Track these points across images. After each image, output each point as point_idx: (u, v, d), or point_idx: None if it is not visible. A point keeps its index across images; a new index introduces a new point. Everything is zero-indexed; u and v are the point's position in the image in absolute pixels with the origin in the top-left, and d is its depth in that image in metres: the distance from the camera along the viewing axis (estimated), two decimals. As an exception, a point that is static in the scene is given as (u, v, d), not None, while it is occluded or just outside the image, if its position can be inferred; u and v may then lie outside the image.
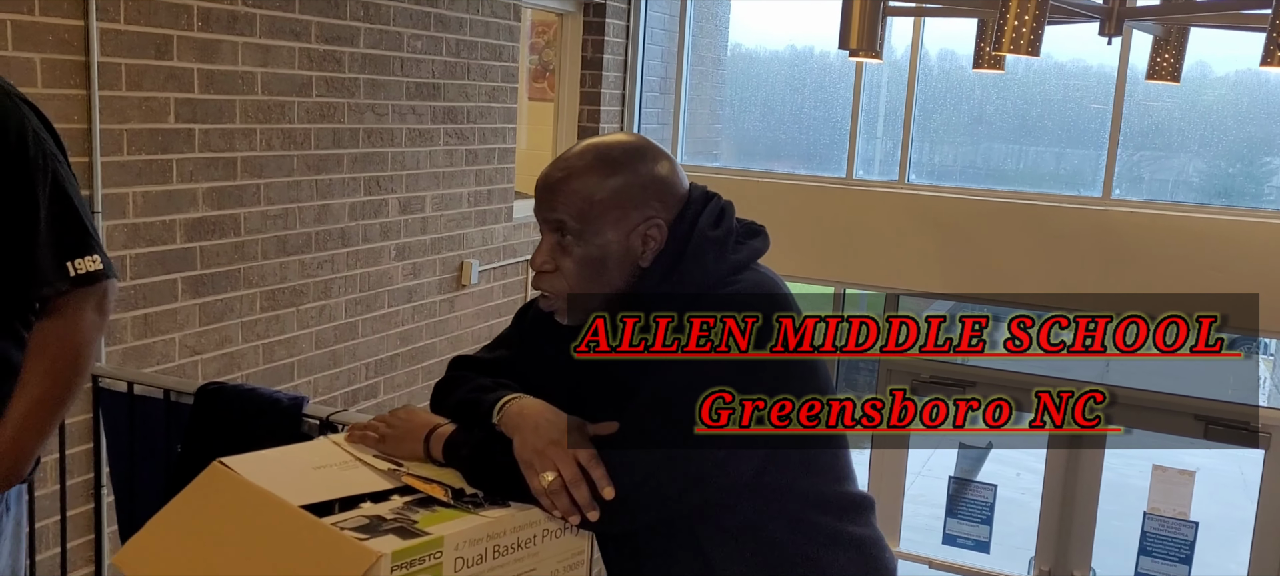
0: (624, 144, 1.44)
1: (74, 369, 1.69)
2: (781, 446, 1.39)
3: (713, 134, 6.54)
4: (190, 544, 1.34)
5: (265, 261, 3.67)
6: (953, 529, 5.86)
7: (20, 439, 1.65)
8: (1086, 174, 5.58)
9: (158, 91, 3.18)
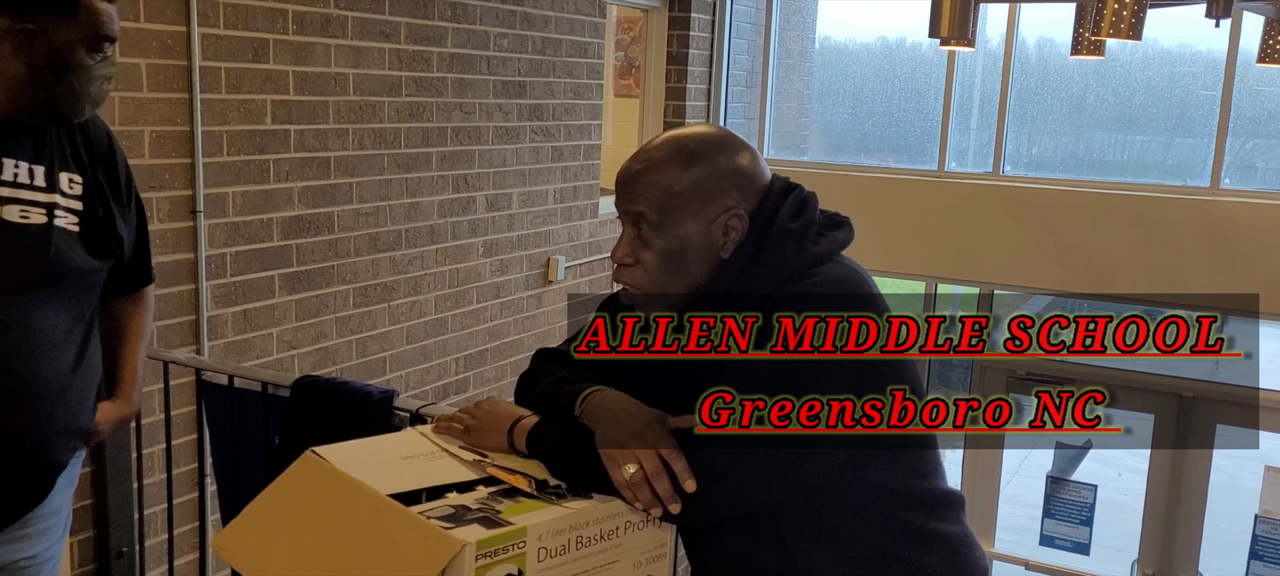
0: (703, 135, 1.43)
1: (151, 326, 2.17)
2: (867, 440, 1.37)
3: (800, 128, 6.47)
4: (284, 530, 1.37)
5: (358, 258, 3.75)
6: (1050, 530, 5.70)
7: (140, 372, 2.07)
8: (1194, 163, 5.37)
9: (255, 94, 3.28)
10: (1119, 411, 6.26)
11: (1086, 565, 5.68)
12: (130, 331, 2.04)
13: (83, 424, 1.89)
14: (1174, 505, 5.42)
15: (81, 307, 1.84)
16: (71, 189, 1.80)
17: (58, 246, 1.76)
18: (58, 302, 1.78)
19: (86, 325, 1.87)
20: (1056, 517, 5.68)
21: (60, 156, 1.80)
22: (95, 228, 1.83)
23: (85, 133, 1.85)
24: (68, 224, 1.78)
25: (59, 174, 1.79)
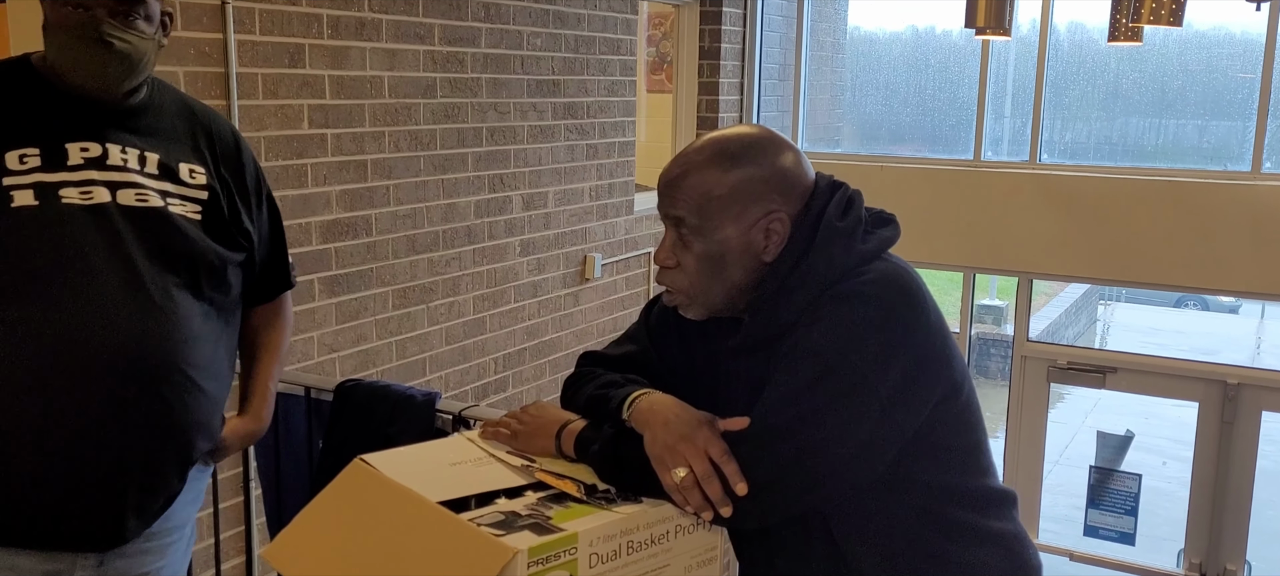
0: (744, 137, 1.42)
1: (290, 333, 2.10)
2: (918, 439, 1.36)
3: (834, 120, 6.44)
4: (334, 538, 1.38)
5: (396, 260, 3.77)
6: (1095, 520, 5.64)
7: (272, 389, 2.02)
8: (1233, 147, 5.29)
9: (292, 99, 3.30)
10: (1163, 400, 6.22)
11: (1132, 555, 5.62)
12: (265, 345, 2.01)
13: (214, 429, 1.85)
14: (1220, 493, 5.34)
15: (214, 303, 1.79)
16: (192, 179, 1.77)
17: (179, 228, 1.71)
18: (189, 291, 1.73)
19: (220, 325, 1.81)
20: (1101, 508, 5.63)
21: (179, 148, 1.77)
22: (218, 221, 1.78)
23: (207, 127, 1.83)
24: (187, 211, 1.74)
25: (178, 164, 1.76)
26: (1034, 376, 5.69)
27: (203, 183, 1.77)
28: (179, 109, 1.83)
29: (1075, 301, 13.13)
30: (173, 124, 1.79)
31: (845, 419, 1.30)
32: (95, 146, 1.69)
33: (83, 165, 1.68)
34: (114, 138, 1.70)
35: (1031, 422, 5.72)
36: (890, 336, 1.32)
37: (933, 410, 1.36)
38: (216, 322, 1.80)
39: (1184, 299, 13.56)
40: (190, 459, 1.79)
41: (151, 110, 1.77)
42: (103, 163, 1.68)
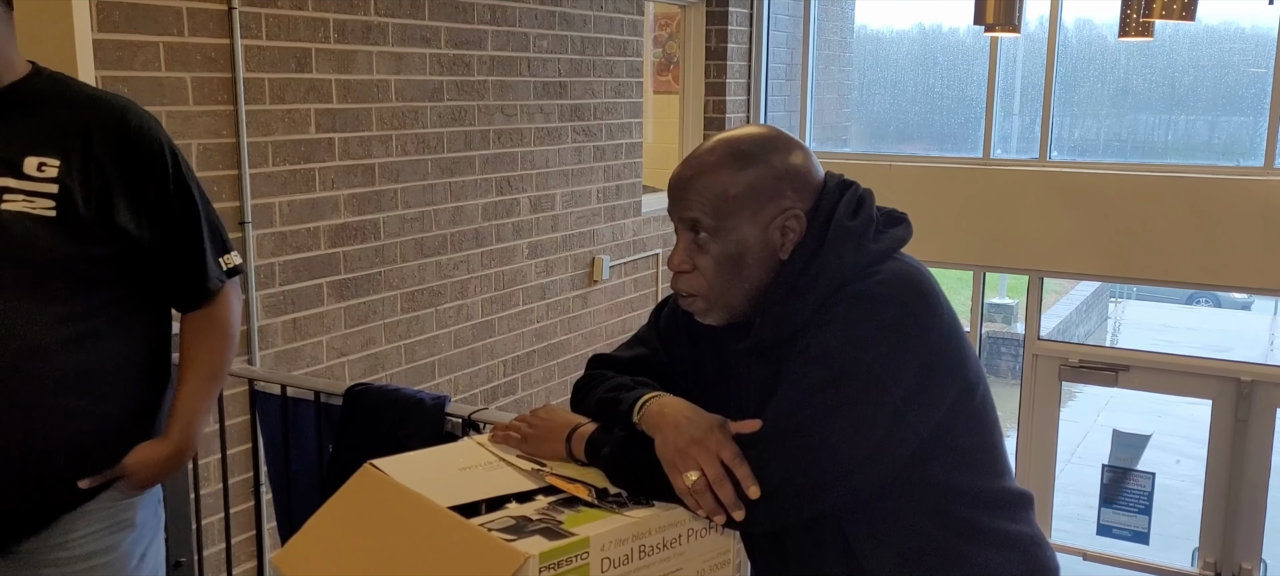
0: (755, 136, 1.40)
1: (231, 346, 1.89)
2: (932, 440, 1.34)
3: (841, 119, 6.42)
4: (345, 544, 1.37)
5: (404, 264, 3.77)
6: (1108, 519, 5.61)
7: (196, 411, 1.83)
8: (1242, 142, 5.25)
9: (299, 103, 3.30)
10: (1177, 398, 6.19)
11: (1146, 554, 5.59)
12: (187, 362, 1.84)
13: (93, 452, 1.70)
14: (1235, 492, 5.31)
15: (79, 309, 1.66)
16: (41, 173, 1.63)
17: (9, 228, 1.59)
18: (28, 297, 1.61)
19: (96, 334, 1.69)
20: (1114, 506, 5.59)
21: (31, 141, 1.65)
22: (74, 217, 1.64)
23: (87, 117, 1.69)
24: (34, 208, 1.61)
25: (23, 158, 1.63)
26: (1046, 375, 5.67)
27: (52, 176, 1.63)
28: (56, 100, 1.71)
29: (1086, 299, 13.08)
30: (37, 116, 1.67)
31: (858, 421, 1.29)
32: None
33: None
34: None
35: (1043, 421, 5.69)
36: (903, 337, 1.30)
37: (947, 411, 1.34)
38: (87, 330, 1.67)
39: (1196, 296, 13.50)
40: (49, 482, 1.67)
41: (7, 105, 1.66)
42: None
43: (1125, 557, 5.58)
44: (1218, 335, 12.03)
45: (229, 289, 1.87)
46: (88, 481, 1.70)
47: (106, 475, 1.72)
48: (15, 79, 1.70)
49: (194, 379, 1.82)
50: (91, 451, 1.71)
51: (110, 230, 1.68)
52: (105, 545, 1.76)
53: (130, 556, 1.80)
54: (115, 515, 1.77)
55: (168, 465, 1.80)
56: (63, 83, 1.75)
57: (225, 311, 1.87)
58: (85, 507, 1.73)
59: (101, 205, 1.66)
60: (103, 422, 1.71)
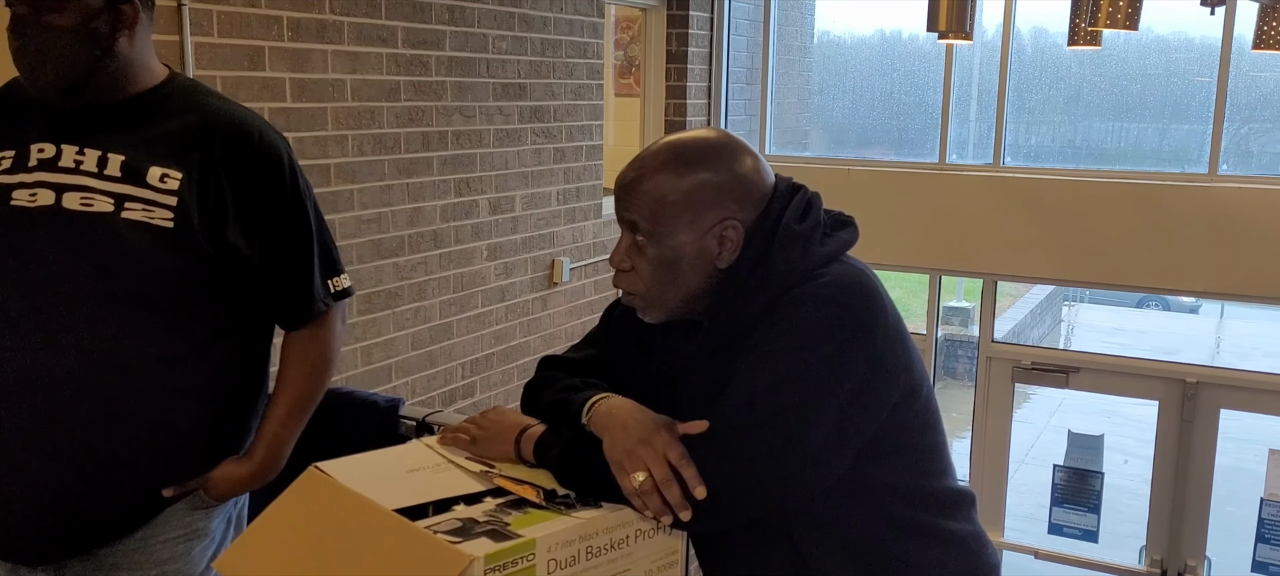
0: (702, 141, 1.41)
1: (328, 372, 1.89)
2: (876, 442, 1.36)
3: (801, 123, 6.47)
4: (289, 547, 1.36)
5: (361, 265, 3.74)
6: (1059, 518, 5.70)
7: (283, 436, 1.83)
8: (1191, 150, 5.36)
9: (252, 102, 3.27)
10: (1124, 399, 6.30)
11: (1095, 553, 5.68)
12: (280, 382, 1.83)
13: (179, 464, 1.71)
14: (1181, 491, 5.41)
15: (180, 323, 1.67)
16: (163, 184, 1.64)
17: (121, 237, 1.60)
18: (139, 312, 1.63)
19: (192, 346, 1.69)
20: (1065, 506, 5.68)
21: (158, 151, 1.66)
22: (190, 230, 1.65)
23: (215, 130, 1.69)
24: (153, 218, 1.62)
25: (148, 167, 1.64)
26: (999, 377, 5.74)
27: (174, 188, 1.64)
28: (186, 109, 1.71)
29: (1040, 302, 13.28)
30: (168, 125, 1.68)
31: (803, 422, 1.30)
32: (51, 147, 1.65)
33: (37, 166, 1.64)
34: (72, 138, 1.65)
35: (997, 422, 5.77)
36: (848, 339, 1.32)
37: (892, 412, 1.37)
38: (188, 344, 1.68)
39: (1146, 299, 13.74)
40: (135, 491, 1.68)
41: (140, 111, 1.68)
42: (55, 164, 1.64)
43: (1076, 555, 5.67)
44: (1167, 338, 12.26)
45: (334, 312, 1.86)
46: (171, 491, 1.72)
47: (189, 486, 1.74)
48: (152, 85, 1.71)
49: (284, 401, 1.82)
50: (178, 462, 1.72)
51: (220, 246, 1.69)
52: (178, 552, 1.77)
53: (199, 563, 1.81)
54: (191, 523, 1.78)
55: (250, 483, 1.81)
56: (195, 92, 1.76)
57: (328, 334, 1.86)
58: (164, 514, 1.74)
59: (215, 220, 1.67)
60: (192, 435, 1.73)
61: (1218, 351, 12.20)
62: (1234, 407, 5.36)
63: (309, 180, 1.85)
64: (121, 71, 1.67)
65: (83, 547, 1.70)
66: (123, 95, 1.68)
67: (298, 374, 1.83)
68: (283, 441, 1.82)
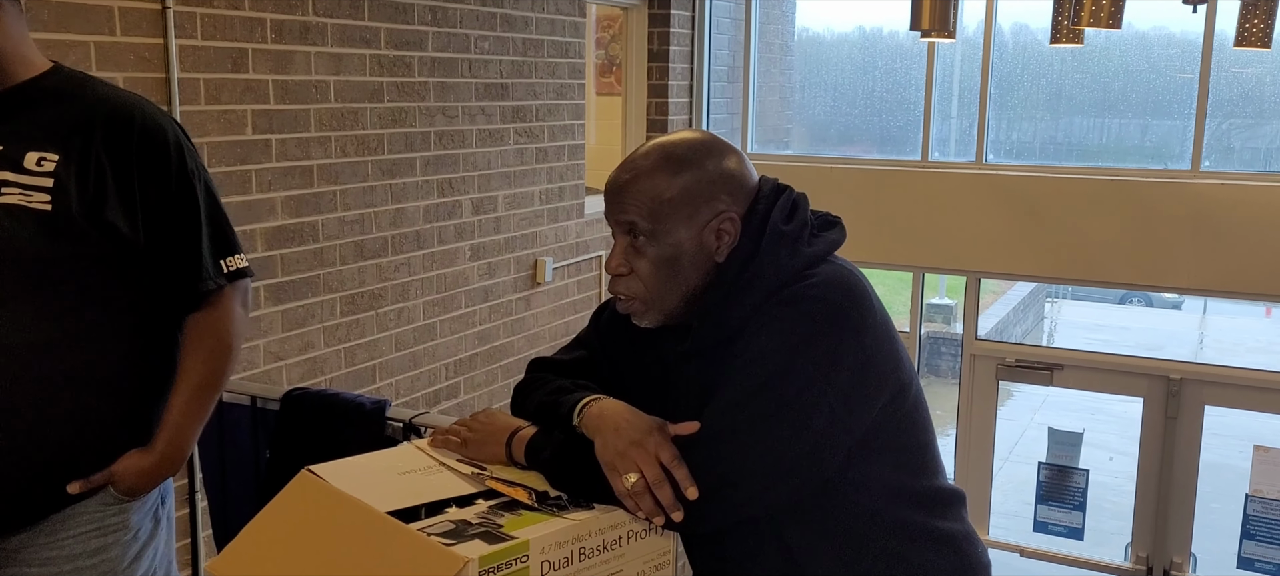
0: (690, 141, 1.42)
1: (228, 356, 1.84)
2: (866, 441, 1.36)
3: (783, 121, 6.48)
4: (281, 551, 1.35)
5: (344, 266, 3.72)
6: (1044, 515, 5.72)
7: (184, 424, 1.79)
8: (1173, 146, 5.40)
9: (235, 104, 3.25)
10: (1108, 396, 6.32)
11: (1081, 550, 5.71)
12: (181, 368, 1.79)
13: (80, 457, 1.68)
14: (1166, 487, 5.45)
15: (66, 309, 1.64)
16: (39, 167, 1.62)
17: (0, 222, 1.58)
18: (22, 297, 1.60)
19: (84, 336, 1.66)
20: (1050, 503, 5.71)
21: (34, 135, 1.64)
22: (67, 212, 1.62)
23: (95, 112, 1.67)
24: (31, 201, 1.60)
25: (24, 153, 1.62)
26: (983, 374, 5.77)
27: (50, 170, 1.62)
28: (69, 97, 1.70)
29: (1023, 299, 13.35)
30: (46, 112, 1.66)
31: (794, 422, 1.30)
32: None
33: None
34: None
35: (981, 420, 5.79)
36: (837, 339, 1.32)
37: (881, 412, 1.37)
38: (74, 329, 1.65)
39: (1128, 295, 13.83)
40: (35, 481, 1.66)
41: (19, 101, 1.66)
42: None
43: (1061, 553, 5.70)
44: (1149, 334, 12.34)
45: (230, 292, 1.82)
46: (76, 486, 1.69)
47: (93, 480, 1.71)
48: (32, 76, 1.68)
49: (184, 387, 1.78)
50: (80, 452, 1.70)
51: (101, 227, 1.65)
52: (93, 547, 1.75)
53: (121, 559, 1.78)
54: (104, 519, 1.76)
55: (154, 474, 1.77)
56: (81, 82, 1.74)
57: (224, 316, 1.81)
58: (74, 508, 1.72)
59: (94, 201, 1.64)
60: (91, 424, 1.70)
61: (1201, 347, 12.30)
62: (1218, 404, 5.39)
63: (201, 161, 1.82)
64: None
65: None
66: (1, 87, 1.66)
67: (195, 359, 1.79)
68: (184, 429, 1.78)
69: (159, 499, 1.87)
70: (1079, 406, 8.65)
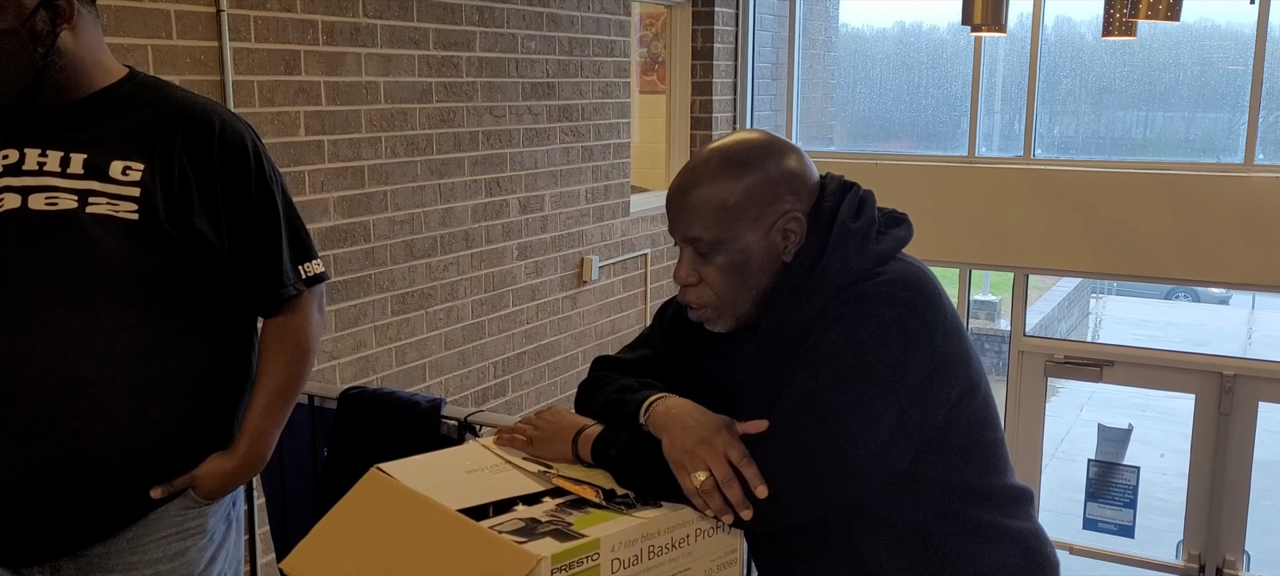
0: (748, 142, 1.41)
1: (306, 360, 1.86)
2: (935, 439, 1.35)
3: (826, 118, 6.45)
4: (353, 548, 1.37)
5: (394, 266, 3.76)
6: (1094, 513, 5.66)
7: (265, 427, 1.80)
8: (1219, 138, 5.31)
9: (288, 106, 3.29)
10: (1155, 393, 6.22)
11: (1132, 548, 5.63)
12: (260, 371, 1.81)
13: (165, 462, 1.70)
14: (1218, 485, 5.36)
15: (152, 316, 1.66)
16: (125, 177, 1.64)
17: (86, 233, 1.60)
18: (110, 306, 1.62)
19: (169, 342, 1.68)
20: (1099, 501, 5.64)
21: (119, 145, 1.65)
22: (155, 221, 1.63)
23: (176, 120, 1.69)
24: (118, 211, 1.61)
25: (109, 162, 1.64)
26: (1031, 371, 5.71)
27: (136, 180, 1.63)
28: (148, 104, 1.71)
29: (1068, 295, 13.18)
30: (127, 120, 1.68)
31: (864, 420, 1.30)
32: (14, 153, 1.64)
33: (2, 172, 1.63)
34: (34, 142, 1.64)
35: (1029, 417, 5.73)
36: (908, 336, 1.31)
37: (950, 409, 1.36)
38: (159, 336, 1.67)
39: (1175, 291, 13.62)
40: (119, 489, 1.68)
41: (99, 109, 1.68)
42: (19, 169, 1.63)
43: (1111, 551, 5.63)
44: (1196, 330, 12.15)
45: (308, 298, 1.84)
46: (159, 490, 1.71)
47: (175, 484, 1.73)
48: (109, 83, 1.71)
49: (264, 392, 1.80)
50: (162, 458, 1.71)
51: (187, 235, 1.67)
52: (173, 551, 1.76)
53: (198, 562, 1.80)
54: (185, 523, 1.77)
55: (236, 477, 1.79)
56: (157, 87, 1.76)
57: (303, 321, 1.83)
58: (155, 514, 1.74)
59: (181, 209, 1.66)
60: (173, 430, 1.71)
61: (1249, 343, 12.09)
62: (1273, 400, 5.30)
63: (276, 165, 1.84)
64: (72, 68, 1.65)
65: (71, 547, 1.69)
66: (79, 94, 1.68)
67: (275, 362, 1.81)
68: (265, 433, 1.80)
69: (231, 502, 1.89)
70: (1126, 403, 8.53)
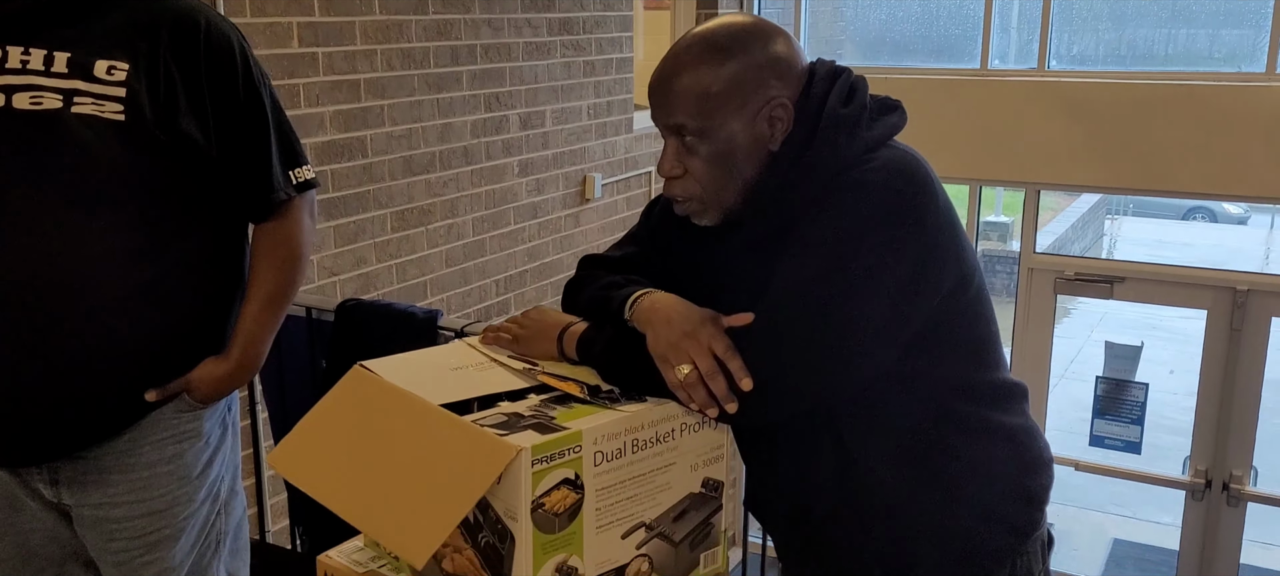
0: (732, 26, 1.35)
1: (298, 266, 1.84)
2: (926, 332, 1.32)
3: (836, 32, 6.33)
4: (337, 443, 1.36)
5: (393, 182, 3.72)
6: (1101, 430, 5.64)
7: (258, 332, 1.80)
8: (1245, 52, 5.19)
9: (281, 16, 3.23)
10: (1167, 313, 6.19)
11: (1138, 464, 5.63)
12: (252, 278, 1.80)
13: (158, 366, 1.70)
14: (1227, 401, 5.33)
15: (141, 219, 1.64)
16: (110, 76, 1.60)
17: (73, 134, 1.57)
18: (98, 208, 1.60)
19: (159, 246, 1.67)
20: (1107, 417, 5.62)
21: (104, 44, 1.62)
22: (142, 121, 1.61)
23: (161, 19, 1.64)
24: (104, 111, 1.59)
25: (94, 61, 1.61)
26: (1041, 288, 5.66)
27: (121, 79, 1.61)
28: (133, 2, 1.67)
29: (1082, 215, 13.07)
30: (110, 18, 1.64)
31: (853, 311, 1.26)
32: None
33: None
34: (16, 39, 1.60)
35: (1038, 335, 5.70)
36: (898, 226, 1.28)
37: (942, 302, 1.32)
38: (150, 239, 1.66)
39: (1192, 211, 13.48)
40: (115, 390, 1.68)
41: (83, 5, 1.64)
42: (1, 66, 1.59)
43: (1118, 467, 5.63)
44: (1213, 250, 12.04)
45: (299, 204, 1.82)
46: (154, 393, 1.72)
47: (171, 388, 1.73)
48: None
49: (257, 297, 1.79)
50: (157, 361, 1.71)
51: (175, 137, 1.65)
52: (169, 453, 1.77)
53: (194, 465, 1.81)
54: (180, 426, 1.78)
55: (230, 381, 1.79)
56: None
57: (293, 227, 1.82)
58: (152, 416, 1.74)
59: (167, 110, 1.64)
60: (167, 333, 1.71)
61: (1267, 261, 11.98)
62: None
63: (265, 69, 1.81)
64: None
65: (67, 448, 1.70)
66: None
67: (267, 268, 1.80)
68: (258, 338, 1.80)
69: (226, 407, 1.89)
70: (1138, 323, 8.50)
